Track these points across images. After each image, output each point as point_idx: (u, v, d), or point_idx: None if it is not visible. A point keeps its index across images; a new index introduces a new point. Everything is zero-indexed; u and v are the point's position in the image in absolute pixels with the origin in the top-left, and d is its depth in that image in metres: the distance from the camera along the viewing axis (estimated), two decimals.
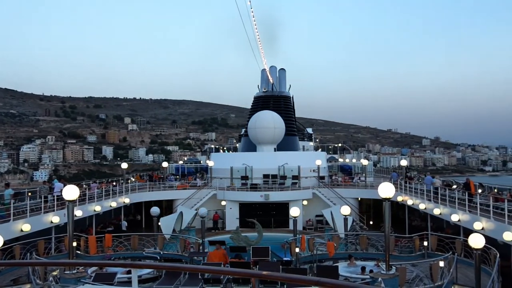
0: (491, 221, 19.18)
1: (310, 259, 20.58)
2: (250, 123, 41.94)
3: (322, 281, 2.71)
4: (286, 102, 49.24)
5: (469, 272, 16.71)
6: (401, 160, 42.91)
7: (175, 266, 9.14)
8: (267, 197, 34.11)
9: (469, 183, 23.39)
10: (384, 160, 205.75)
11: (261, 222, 26.26)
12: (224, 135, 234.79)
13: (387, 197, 12.82)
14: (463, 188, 23.54)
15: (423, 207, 27.18)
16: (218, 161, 39.18)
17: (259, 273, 4.96)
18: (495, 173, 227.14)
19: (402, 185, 32.09)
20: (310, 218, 35.47)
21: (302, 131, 56.87)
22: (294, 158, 38.37)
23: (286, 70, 54.38)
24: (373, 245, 23.25)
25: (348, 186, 37.97)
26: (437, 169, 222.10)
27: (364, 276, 16.12)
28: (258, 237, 22.24)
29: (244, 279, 15.66)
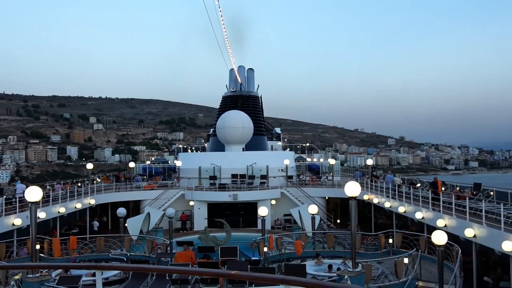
0: (453, 219, 19.73)
1: (278, 258, 20.69)
2: (218, 123, 41.80)
3: (287, 279, 2.73)
4: (255, 102, 49.33)
5: (433, 268, 17.17)
6: (367, 160, 43.66)
7: (142, 267, 9.02)
8: (236, 197, 34.07)
9: (437, 182, 23.71)
10: (351, 160, 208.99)
11: (230, 222, 26.21)
12: (192, 135, 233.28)
13: (353, 196, 13.04)
14: (431, 187, 23.96)
15: (388, 205, 27.73)
16: (186, 161, 38.92)
17: (227, 272, 4.96)
18: (457, 171, 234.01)
19: (368, 184, 32.67)
20: (278, 217, 35.63)
21: (270, 131, 57.10)
22: (262, 158, 38.47)
23: (254, 70, 54.49)
24: (340, 243, 23.60)
25: (316, 185, 38.31)
26: (402, 168, 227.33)
27: (331, 274, 16.33)
28: (226, 237, 22.20)
29: (212, 279, 15.62)
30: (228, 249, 19.85)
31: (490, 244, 16.86)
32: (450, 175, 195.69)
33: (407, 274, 16.25)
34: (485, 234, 17.11)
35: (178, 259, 18.44)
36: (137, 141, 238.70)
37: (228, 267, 16.79)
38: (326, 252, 21.70)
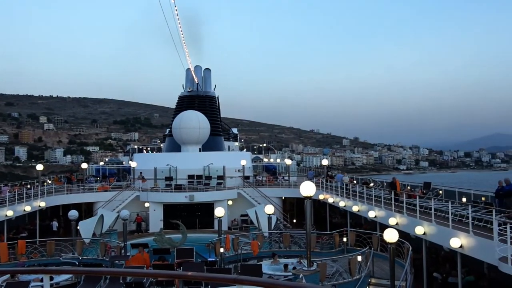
0: (404, 217, 20.34)
1: (234, 258, 20.66)
2: (174, 123, 41.32)
3: (239, 279, 2.71)
4: (211, 102, 49.08)
5: (385, 265, 17.61)
6: (322, 160, 44.31)
7: (94, 270, 8.75)
8: (192, 197, 33.79)
9: (395, 182, 24.00)
10: (307, 160, 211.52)
11: (186, 223, 25.98)
12: (147, 135, 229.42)
13: (308, 195, 13.20)
14: (389, 187, 24.32)
15: (343, 205, 28.28)
16: (141, 162, 38.21)
17: (180, 273, 4.89)
18: (408, 171, 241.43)
19: (323, 184, 33.20)
20: (235, 218, 35.61)
21: (227, 131, 56.96)
22: (219, 158, 38.31)
23: (211, 70, 54.21)
24: (296, 243, 23.84)
25: (273, 185, 38.52)
26: (356, 168, 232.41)
27: (286, 274, 16.45)
28: (182, 238, 21.99)
29: (168, 281, 15.42)
30: (184, 251, 19.67)
31: (439, 241, 17.49)
32: (402, 175, 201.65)
33: (361, 271, 16.62)
34: (434, 232, 17.73)
35: (132, 262, 18.07)
36: (90, 141, 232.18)
37: (184, 269, 16.61)
38: (282, 252, 21.86)
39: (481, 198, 21.40)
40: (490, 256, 13.31)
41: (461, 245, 15.46)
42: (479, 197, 21.80)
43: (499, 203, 17.73)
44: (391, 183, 24.29)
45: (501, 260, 12.30)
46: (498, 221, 13.20)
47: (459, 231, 15.76)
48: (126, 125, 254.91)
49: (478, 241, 14.62)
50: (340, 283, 15.66)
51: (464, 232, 15.42)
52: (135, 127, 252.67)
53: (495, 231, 12.87)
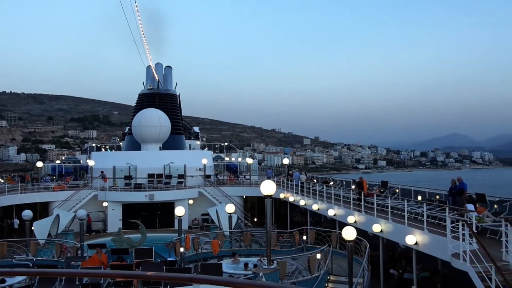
0: (362, 215, 20.74)
1: (195, 258, 20.56)
2: (134, 121, 40.63)
3: (196, 278, 2.68)
4: (172, 100, 48.54)
5: (343, 263, 17.91)
6: (283, 159, 44.65)
7: (48, 272, 8.44)
8: (152, 197, 33.34)
9: (362, 182, 23.91)
10: (268, 159, 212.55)
11: (146, 222, 25.60)
12: (106, 133, 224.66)
13: (269, 194, 13.26)
14: (357, 187, 24.46)
15: (303, 203, 28.58)
16: (100, 160, 37.34)
17: (135, 273, 4.80)
18: (367, 170, 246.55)
19: (284, 182, 33.46)
20: (196, 217, 35.40)
21: (188, 130, 56.49)
22: (180, 157, 37.97)
23: (172, 68, 53.57)
24: (256, 242, 23.94)
25: (234, 184, 38.53)
26: (317, 167, 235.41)
27: (246, 272, 16.48)
28: (142, 238, 21.62)
29: (126, 282, 15.14)
30: (143, 251, 19.36)
31: (395, 239, 17.93)
32: (360, 174, 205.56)
33: (320, 269, 16.85)
34: (391, 229, 18.17)
35: (89, 263, 17.65)
36: (45, 139, 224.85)
37: (142, 269, 16.35)
38: (242, 251, 21.91)
39: (436, 197, 22.09)
40: (443, 253, 13.74)
41: (416, 242, 15.90)
42: (434, 195, 22.50)
43: (452, 201, 18.37)
44: (358, 183, 24.32)
45: (453, 256, 12.73)
46: (451, 218, 13.66)
47: (414, 228, 16.19)
48: (84, 122, 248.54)
49: (432, 238, 15.07)
50: (299, 281, 15.82)
51: (419, 230, 15.87)
52: (93, 124, 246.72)
53: (448, 229, 13.31)
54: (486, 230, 15.10)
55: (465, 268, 11.88)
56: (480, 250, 11.76)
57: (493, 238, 14.40)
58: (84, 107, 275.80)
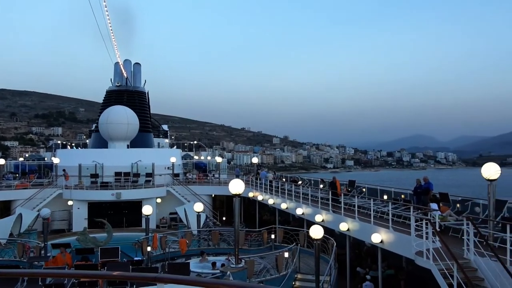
0: (330, 214, 20.98)
1: (162, 257, 20.38)
2: (101, 118, 39.89)
3: (160, 277, 2.65)
4: (141, 98, 47.90)
5: (311, 261, 18.08)
6: (253, 158, 44.73)
7: (9, 272, 8.16)
8: (119, 195, 32.85)
9: (335, 182, 23.93)
10: (238, 158, 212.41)
11: (112, 221, 25.26)
12: (72, 130, 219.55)
13: (237, 193, 13.25)
14: (329, 187, 24.25)
15: (271, 202, 28.69)
16: (65, 158, 36.50)
17: (96, 273, 4.71)
18: (335, 169, 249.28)
19: (253, 181, 33.53)
20: (164, 216, 35.08)
21: (157, 128, 55.87)
22: (148, 155, 37.56)
23: (141, 65, 52.81)
24: (225, 240, 23.90)
25: (203, 183, 38.38)
26: (286, 166, 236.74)
27: (214, 271, 16.43)
28: (108, 238, 21.30)
29: (91, 282, 14.86)
30: (108, 250, 19.06)
31: (361, 237, 18.21)
32: (329, 173, 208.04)
33: (287, 267, 16.97)
34: (357, 228, 18.45)
35: (52, 264, 17.24)
36: (8, 136, 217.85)
37: (108, 269, 16.08)
38: (211, 250, 21.86)
39: (401, 196, 22.56)
40: (408, 251, 14.04)
41: (382, 241, 16.20)
42: (399, 194, 22.97)
43: (417, 200, 18.80)
44: (331, 183, 24.30)
45: (417, 254, 13.02)
46: (415, 217, 13.97)
47: (380, 227, 16.49)
48: (49, 119, 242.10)
49: (397, 237, 15.39)
50: (267, 279, 15.88)
51: (384, 228, 16.17)
52: (58, 121, 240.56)
53: (412, 227, 13.60)
54: (449, 229, 15.50)
55: (428, 265, 12.17)
56: (442, 248, 12.06)
57: (455, 236, 14.79)
58: (49, 103, 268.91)
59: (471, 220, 12.13)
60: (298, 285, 17.14)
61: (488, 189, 12.66)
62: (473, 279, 11.27)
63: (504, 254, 10.96)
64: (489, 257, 11.34)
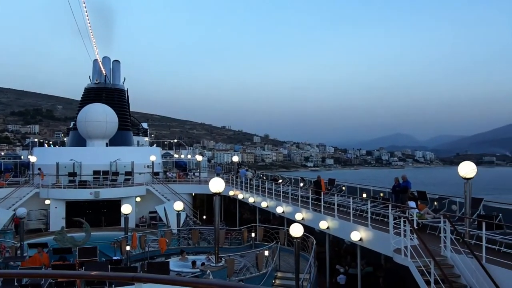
0: (310, 212, 21.09)
1: (141, 256, 20.21)
2: (79, 116, 39.33)
3: (138, 277, 2.61)
4: (120, 95, 47.36)
5: (291, 259, 18.13)
6: (233, 156, 44.69)
7: None
8: (97, 194, 32.45)
9: (320, 181, 23.74)
10: (218, 156, 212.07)
11: (91, 221, 24.93)
12: (49, 128, 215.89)
13: (217, 191, 13.22)
14: (314, 185, 24.22)
15: (252, 201, 28.71)
16: (42, 157, 35.90)
17: (73, 273, 4.64)
18: (315, 168, 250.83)
19: (234, 180, 33.50)
20: (143, 215, 34.82)
21: (136, 126, 55.33)
22: (127, 154, 37.20)
23: (121, 62, 52.18)
24: (205, 239, 23.82)
25: (183, 181, 38.20)
26: (266, 164, 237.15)
27: (194, 270, 16.36)
28: (86, 237, 21.01)
29: (69, 282, 14.63)
30: (87, 250, 18.77)
31: (341, 235, 18.37)
32: (309, 172, 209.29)
33: (267, 265, 17.00)
34: (337, 226, 18.59)
35: (29, 264, 16.92)
36: None
37: (86, 269, 15.86)
38: (191, 248, 21.77)
39: (380, 194, 22.82)
40: (386, 248, 14.21)
41: (361, 238, 16.36)
42: (378, 193, 23.23)
43: (395, 198, 19.04)
44: (316, 182, 24.23)
45: (395, 251, 13.19)
46: (393, 215, 14.15)
47: (359, 225, 16.65)
48: (26, 116, 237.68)
49: (376, 234, 15.56)
50: (247, 278, 15.88)
51: (363, 226, 16.33)
52: (35, 119, 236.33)
53: (391, 225, 13.77)
54: (426, 226, 15.74)
55: (406, 263, 12.34)
56: (420, 245, 12.24)
57: (432, 233, 15.03)
58: (26, 101, 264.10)
59: (448, 218, 12.33)
60: (278, 283, 17.19)
61: (464, 188, 12.89)
62: (449, 275, 11.46)
63: (480, 251, 11.16)
64: (466, 254, 11.54)
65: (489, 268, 10.81)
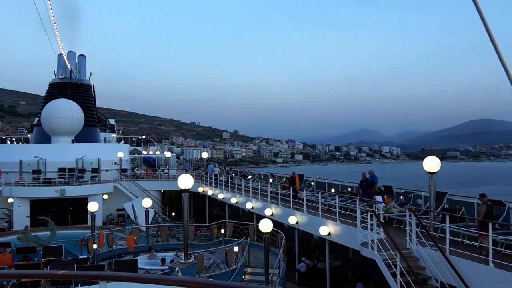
0: (279, 207, 21.22)
1: (109, 255, 19.88)
2: (44, 112, 38.31)
3: (102, 275, 2.56)
4: (86, 91, 46.31)
5: (260, 255, 18.23)
6: (202, 153, 44.52)
7: None
8: (63, 192, 31.72)
9: (295, 177, 23.87)
10: (187, 152, 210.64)
11: (56, 219, 24.40)
12: (12, 125, 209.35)
13: (186, 188, 13.13)
14: (289, 182, 24.26)
15: (221, 197, 28.67)
16: (4, 154, 34.80)
17: (35, 273, 4.52)
18: (285, 164, 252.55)
19: (203, 176, 33.36)
20: (111, 212, 34.26)
21: (103, 122, 54.34)
22: (94, 150, 36.50)
23: (86, 57, 51.05)
24: (174, 236, 23.67)
25: (151, 178, 37.80)
26: (236, 160, 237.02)
27: (163, 267, 16.23)
28: (51, 236, 20.54)
29: (33, 282, 14.29)
30: (52, 249, 18.36)
31: (309, 230, 18.55)
32: (278, 167, 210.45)
33: (237, 261, 17.02)
34: (306, 221, 18.77)
35: None
36: None
37: (51, 268, 15.51)
38: (160, 246, 21.59)
39: (348, 189, 23.15)
40: (354, 242, 14.44)
41: (329, 233, 16.57)
42: (346, 188, 23.57)
43: (363, 193, 19.37)
44: (290, 178, 24.25)
45: (363, 245, 13.42)
46: (361, 209, 14.38)
47: (327, 220, 16.86)
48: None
49: (344, 229, 15.79)
50: (216, 274, 15.86)
51: (332, 221, 16.54)
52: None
53: (358, 219, 14.00)
54: (393, 220, 16.09)
55: (373, 256, 12.57)
56: (386, 239, 12.49)
57: (398, 227, 15.37)
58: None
59: (413, 212, 12.62)
60: (247, 279, 17.23)
61: (429, 182, 13.21)
62: (415, 268, 11.74)
63: (444, 243, 11.47)
64: (430, 247, 11.85)
65: (452, 259, 11.13)
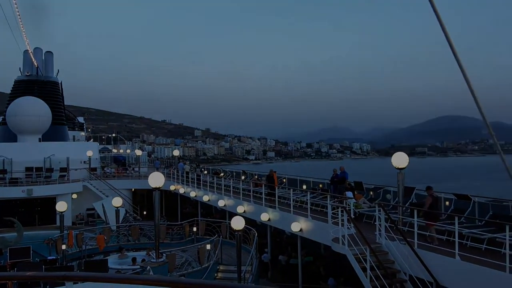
0: (251, 205, 21.26)
1: (78, 255, 19.56)
2: (9, 110, 37.31)
3: (69, 275, 2.52)
4: (54, 88, 45.27)
5: (233, 252, 18.24)
6: (174, 150, 44.17)
7: None
8: (30, 192, 31.01)
9: (272, 175, 22.96)
10: (159, 151, 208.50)
11: (23, 220, 23.88)
12: None
13: (157, 186, 13.02)
14: (267, 180, 24.18)
15: (193, 195, 28.53)
16: None
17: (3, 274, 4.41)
18: (257, 161, 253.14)
19: (175, 174, 33.13)
20: (80, 212, 33.70)
21: (72, 120, 53.34)
22: (62, 149, 35.81)
23: (54, 53, 49.88)
24: (145, 235, 23.46)
25: (122, 177, 37.30)
26: (208, 158, 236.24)
27: (134, 267, 16.05)
28: (18, 237, 20.05)
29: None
30: (19, 250, 17.90)
31: (282, 226, 18.66)
32: (251, 164, 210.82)
33: (209, 259, 16.99)
34: (278, 218, 18.87)
35: None
36: None
37: (18, 270, 15.12)
38: (131, 245, 21.36)
39: (319, 185, 23.40)
40: (325, 238, 14.59)
41: (301, 229, 16.71)
42: (317, 184, 23.81)
43: (334, 189, 19.58)
44: (268, 176, 24.00)
45: (334, 240, 13.57)
46: (332, 205, 14.56)
47: (299, 216, 16.98)
48: None
49: (315, 225, 15.95)
50: (189, 273, 15.80)
51: (303, 217, 16.67)
52: None
53: (329, 215, 14.17)
54: (363, 215, 16.34)
55: (343, 251, 12.74)
56: (357, 234, 12.68)
57: (368, 222, 15.61)
58: None
59: (383, 207, 12.85)
60: (220, 277, 17.23)
61: (397, 177, 13.46)
62: (384, 262, 11.96)
63: (412, 237, 11.72)
64: (399, 241, 12.09)
65: (420, 253, 11.39)
